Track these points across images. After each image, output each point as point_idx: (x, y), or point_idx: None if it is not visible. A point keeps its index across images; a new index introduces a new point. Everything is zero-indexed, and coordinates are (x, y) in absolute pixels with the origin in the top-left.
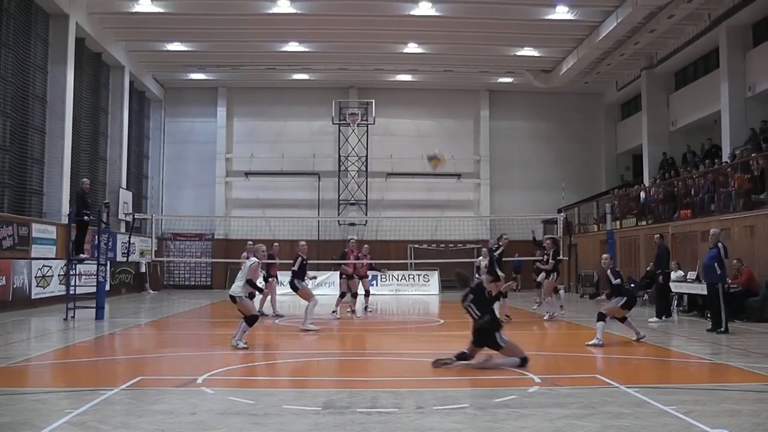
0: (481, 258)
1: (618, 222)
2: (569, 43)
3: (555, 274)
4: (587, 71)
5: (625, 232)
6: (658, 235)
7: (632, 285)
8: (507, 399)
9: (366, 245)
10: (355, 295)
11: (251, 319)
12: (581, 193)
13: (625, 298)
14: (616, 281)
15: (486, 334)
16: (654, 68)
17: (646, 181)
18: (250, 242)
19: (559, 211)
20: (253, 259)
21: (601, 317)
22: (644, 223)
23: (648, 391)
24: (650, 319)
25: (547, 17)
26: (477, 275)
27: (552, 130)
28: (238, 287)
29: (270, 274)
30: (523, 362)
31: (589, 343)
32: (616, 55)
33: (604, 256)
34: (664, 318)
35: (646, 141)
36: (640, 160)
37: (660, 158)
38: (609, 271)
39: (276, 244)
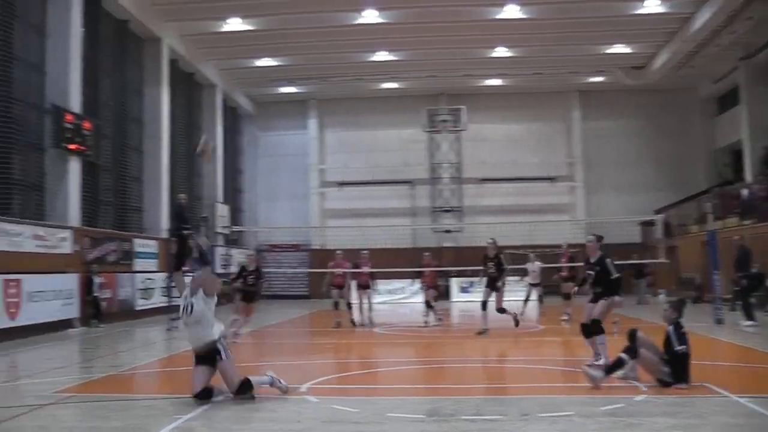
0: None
1: (720, 222)
2: (661, 36)
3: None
4: (680, 65)
5: (727, 233)
6: (737, 237)
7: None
8: (614, 407)
9: (365, 251)
10: (349, 306)
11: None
12: (679, 192)
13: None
14: (618, 274)
15: None
16: (752, 58)
17: (748, 178)
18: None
19: (657, 212)
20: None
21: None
22: (748, 222)
23: (762, 402)
24: (744, 323)
25: (637, 11)
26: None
27: (646, 128)
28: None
29: (360, 284)
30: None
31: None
32: (711, 47)
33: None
34: (750, 322)
35: (747, 135)
36: (740, 156)
37: (762, 153)
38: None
39: (365, 252)
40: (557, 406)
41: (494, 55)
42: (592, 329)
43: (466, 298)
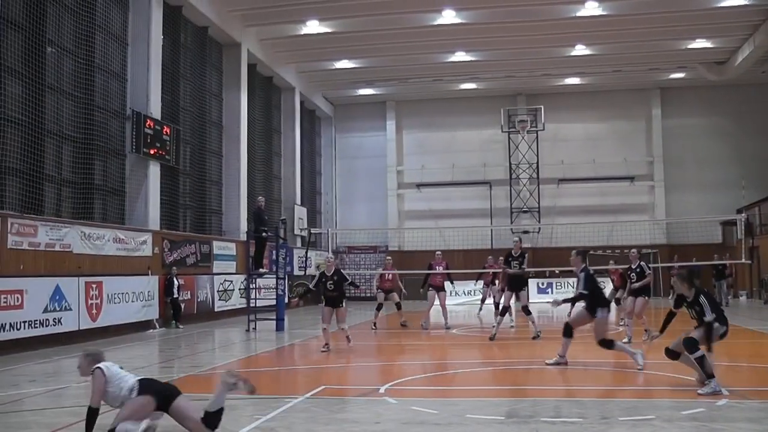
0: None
1: None
2: (744, 30)
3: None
4: (764, 59)
5: None
6: None
7: None
8: (695, 412)
9: (389, 257)
10: (378, 308)
11: None
12: (762, 191)
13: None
14: (583, 290)
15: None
16: None
17: None
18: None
19: (739, 211)
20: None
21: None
22: None
23: None
24: None
25: (719, 5)
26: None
27: (728, 125)
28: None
29: (431, 285)
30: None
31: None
32: None
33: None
34: None
35: None
36: None
37: None
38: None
39: (438, 252)
40: (638, 409)
41: (573, 53)
42: (607, 347)
43: (543, 298)
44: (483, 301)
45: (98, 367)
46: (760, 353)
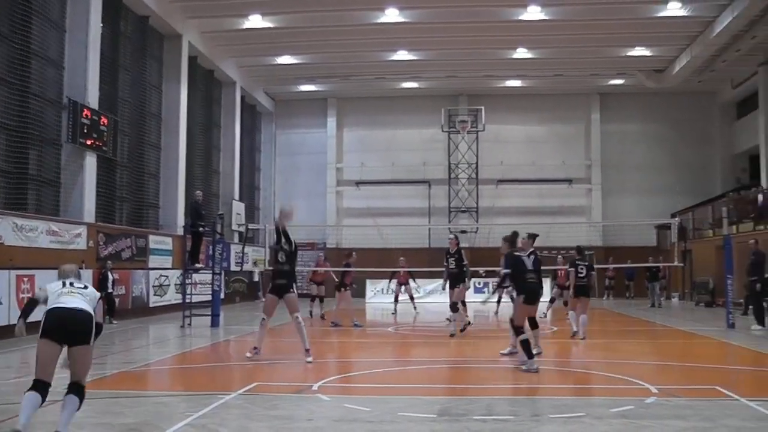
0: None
1: (735, 227)
2: (682, 40)
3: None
4: (701, 69)
5: (742, 237)
6: (753, 241)
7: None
8: (624, 409)
9: (320, 254)
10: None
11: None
12: (696, 196)
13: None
14: (505, 270)
15: None
16: None
17: (764, 183)
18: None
19: (673, 215)
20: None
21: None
22: (762, 227)
23: None
24: (755, 327)
25: (659, 14)
26: None
27: (665, 132)
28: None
29: (344, 284)
30: None
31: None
32: (731, 51)
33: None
34: (761, 327)
35: (765, 141)
36: (758, 161)
37: None
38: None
39: (354, 253)
40: (569, 407)
41: (514, 56)
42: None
43: (479, 298)
44: (396, 299)
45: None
46: (690, 353)
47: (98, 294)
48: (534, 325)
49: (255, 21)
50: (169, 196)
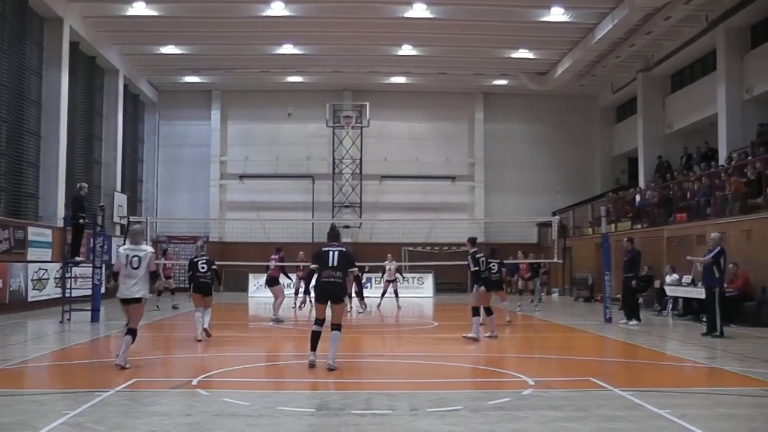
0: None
1: (613, 225)
2: (564, 45)
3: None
4: (582, 74)
5: (620, 236)
6: (626, 239)
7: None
8: (501, 401)
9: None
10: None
11: (134, 332)
12: (576, 196)
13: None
14: (474, 268)
15: None
16: (650, 71)
17: (642, 184)
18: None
19: (554, 213)
20: (149, 248)
21: (475, 311)
22: (639, 226)
23: (642, 395)
24: (621, 321)
25: (542, 19)
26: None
27: (547, 133)
28: (141, 286)
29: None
30: None
31: (467, 335)
32: (611, 58)
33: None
34: (635, 321)
35: (642, 144)
36: (636, 163)
37: (656, 161)
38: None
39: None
40: (447, 400)
41: (400, 53)
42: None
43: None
44: (296, 293)
45: None
46: (567, 346)
47: None
48: (490, 312)
49: (139, 8)
50: (49, 187)
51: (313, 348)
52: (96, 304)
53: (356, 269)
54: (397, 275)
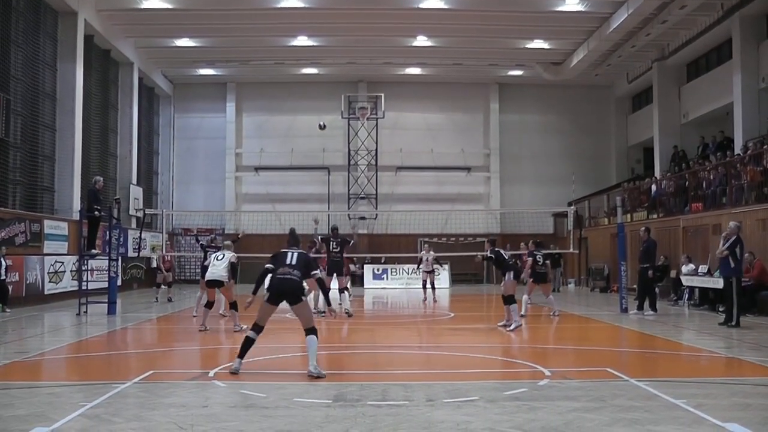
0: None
1: (629, 215)
2: (580, 35)
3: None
4: (598, 63)
5: (635, 225)
6: (643, 229)
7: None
8: (517, 392)
9: (168, 242)
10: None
11: (235, 305)
12: (591, 186)
13: (512, 272)
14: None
15: None
16: (665, 60)
17: (657, 174)
18: (228, 241)
19: (570, 204)
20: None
21: (508, 300)
22: (655, 216)
23: (658, 385)
24: (632, 312)
25: (557, 9)
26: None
27: (562, 123)
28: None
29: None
30: None
31: (506, 326)
32: (627, 47)
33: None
34: (653, 312)
35: (657, 134)
36: (651, 153)
37: (671, 151)
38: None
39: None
40: (462, 391)
41: (415, 44)
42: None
43: (378, 285)
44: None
45: None
46: (583, 337)
47: None
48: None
49: (153, 1)
50: (64, 180)
51: (241, 355)
52: (112, 296)
53: (318, 273)
54: (435, 266)
